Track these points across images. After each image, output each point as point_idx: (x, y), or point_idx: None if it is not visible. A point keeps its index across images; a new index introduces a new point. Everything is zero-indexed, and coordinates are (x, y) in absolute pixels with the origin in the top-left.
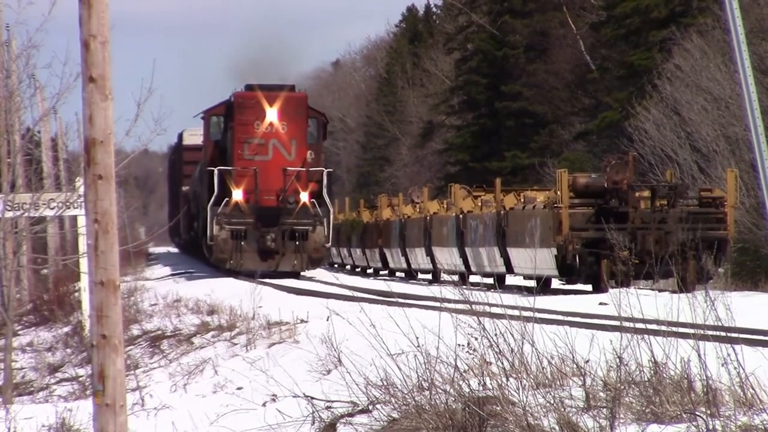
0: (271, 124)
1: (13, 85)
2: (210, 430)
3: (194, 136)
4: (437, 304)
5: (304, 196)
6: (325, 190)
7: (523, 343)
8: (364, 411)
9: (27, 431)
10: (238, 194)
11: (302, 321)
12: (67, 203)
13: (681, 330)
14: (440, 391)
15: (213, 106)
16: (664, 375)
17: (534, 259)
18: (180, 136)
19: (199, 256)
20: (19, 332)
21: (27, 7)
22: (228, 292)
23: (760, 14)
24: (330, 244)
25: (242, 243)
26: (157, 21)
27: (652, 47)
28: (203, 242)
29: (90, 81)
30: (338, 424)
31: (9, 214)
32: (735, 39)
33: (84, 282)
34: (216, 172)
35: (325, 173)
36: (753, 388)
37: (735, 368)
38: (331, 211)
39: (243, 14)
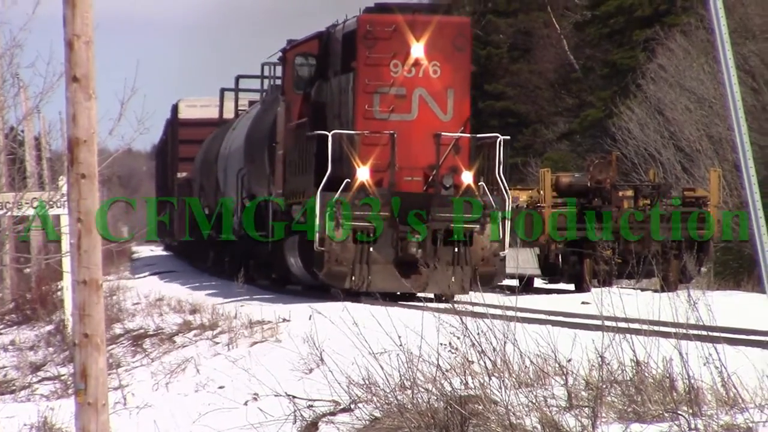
0: (416, 64)
1: None
2: (192, 428)
3: (193, 108)
4: (420, 304)
5: (468, 177)
6: (499, 168)
7: (505, 343)
8: (346, 410)
9: (9, 430)
10: (363, 173)
11: (284, 320)
12: (50, 202)
13: (663, 329)
14: (422, 390)
15: (298, 41)
16: (646, 374)
17: (517, 258)
18: (174, 109)
19: (198, 260)
20: (1, 331)
21: (11, 6)
22: (210, 291)
23: (743, 14)
24: (507, 251)
25: (371, 249)
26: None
27: (635, 47)
28: (281, 250)
29: (74, 80)
30: (320, 423)
31: None
32: (719, 39)
33: (67, 281)
34: (330, 138)
35: (499, 142)
36: (735, 388)
37: (717, 367)
38: (508, 200)
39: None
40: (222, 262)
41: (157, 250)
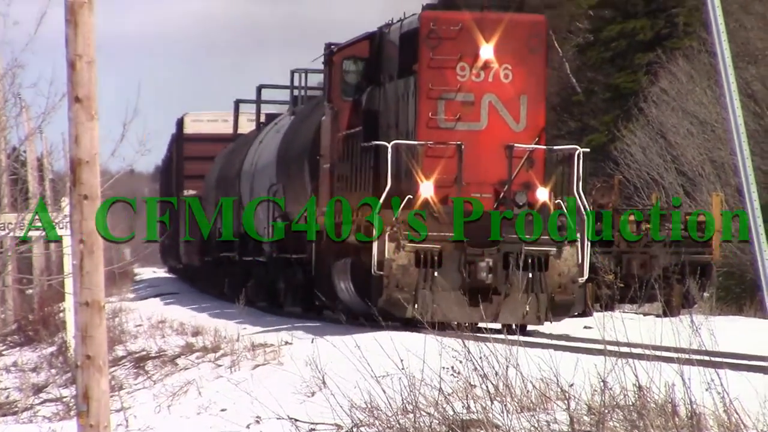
0: (486, 67)
1: None
2: None
3: (199, 123)
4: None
5: (543, 194)
6: (577, 184)
7: (507, 367)
8: None
9: None
10: (427, 189)
11: (287, 343)
12: (53, 223)
13: (665, 354)
14: (424, 414)
15: (345, 43)
16: (648, 399)
17: None
18: (179, 124)
19: (208, 285)
20: (4, 352)
21: (12, 26)
22: (212, 314)
23: (745, 38)
24: (586, 276)
25: (435, 274)
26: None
27: (638, 70)
28: (320, 270)
29: (76, 101)
30: None
31: None
32: (721, 63)
33: (69, 302)
34: (389, 149)
35: (578, 154)
36: (737, 413)
37: (719, 393)
38: (589, 220)
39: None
40: (240, 288)
41: (160, 272)
